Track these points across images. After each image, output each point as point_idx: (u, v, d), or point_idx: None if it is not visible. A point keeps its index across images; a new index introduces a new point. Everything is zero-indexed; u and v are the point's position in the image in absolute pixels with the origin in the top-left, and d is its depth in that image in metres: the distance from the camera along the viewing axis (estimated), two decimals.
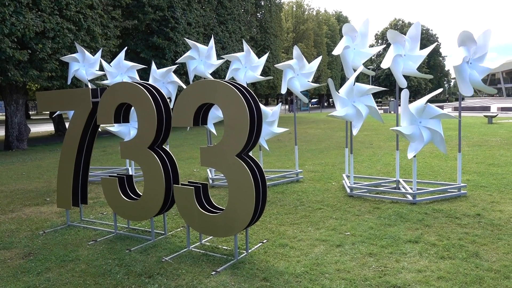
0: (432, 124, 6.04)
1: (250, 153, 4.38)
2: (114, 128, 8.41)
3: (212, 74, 8.80)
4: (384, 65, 6.45)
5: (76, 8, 16.43)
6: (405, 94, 6.02)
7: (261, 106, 6.00)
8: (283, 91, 7.92)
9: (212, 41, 8.56)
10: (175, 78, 8.50)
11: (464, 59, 6.06)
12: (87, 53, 9.19)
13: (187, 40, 9.01)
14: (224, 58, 8.77)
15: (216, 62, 8.50)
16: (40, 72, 15.35)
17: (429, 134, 6.04)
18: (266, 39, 35.69)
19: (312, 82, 8.11)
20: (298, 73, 7.93)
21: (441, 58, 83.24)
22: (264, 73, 29.28)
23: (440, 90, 6.41)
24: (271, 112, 7.58)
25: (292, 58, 7.97)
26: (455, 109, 37.10)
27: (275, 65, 8.01)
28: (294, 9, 53.23)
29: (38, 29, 14.52)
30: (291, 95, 43.37)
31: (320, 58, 8.42)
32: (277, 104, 9.89)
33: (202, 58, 8.41)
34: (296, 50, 7.84)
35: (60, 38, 15.66)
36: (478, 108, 37.89)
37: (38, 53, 14.84)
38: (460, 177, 6.76)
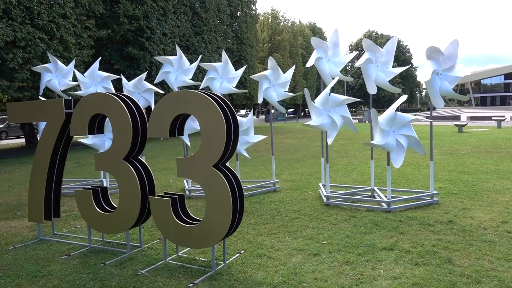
0: (404, 130, 6.20)
1: (227, 163, 4.37)
2: (88, 140, 8.25)
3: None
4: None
5: (49, 17, 16.14)
6: (374, 112, 6.23)
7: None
8: (260, 101, 7.96)
9: (198, 62, 8.64)
10: (148, 85, 8.42)
11: (433, 72, 6.26)
12: (60, 63, 9.02)
13: (177, 47, 8.88)
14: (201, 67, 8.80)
15: (189, 81, 8.45)
16: (10, 82, 14.96)
17: (406, 140, 6.19)
18: (242, 49, 35.92)
19: (288, 92, 8.18)
20: (274, 84, 7.99)
21: (412, 69, 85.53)
22: (240, 83, 29.38)
23: (405, 97, 6.48)
24: (245, 120, 7.58)
25: (268, 69, 8.03)
26: (427, 118, 38.07)
27: (251, 76, 8.03)
28: (270, 20, 53.78)
29: (8, 38, 14.19)
30: (268, 105, 43.62)
31: (294, 67, 8.51)
32: (253, 113, 9.85)
33: (177, 69, 8.41)
34: (271, 61, 7.88)
35: (31, 48, 15.34)
36: (448, 117, 39.11)
37: (8, 63, 14.47)
38: (432, 185, 6.94)
